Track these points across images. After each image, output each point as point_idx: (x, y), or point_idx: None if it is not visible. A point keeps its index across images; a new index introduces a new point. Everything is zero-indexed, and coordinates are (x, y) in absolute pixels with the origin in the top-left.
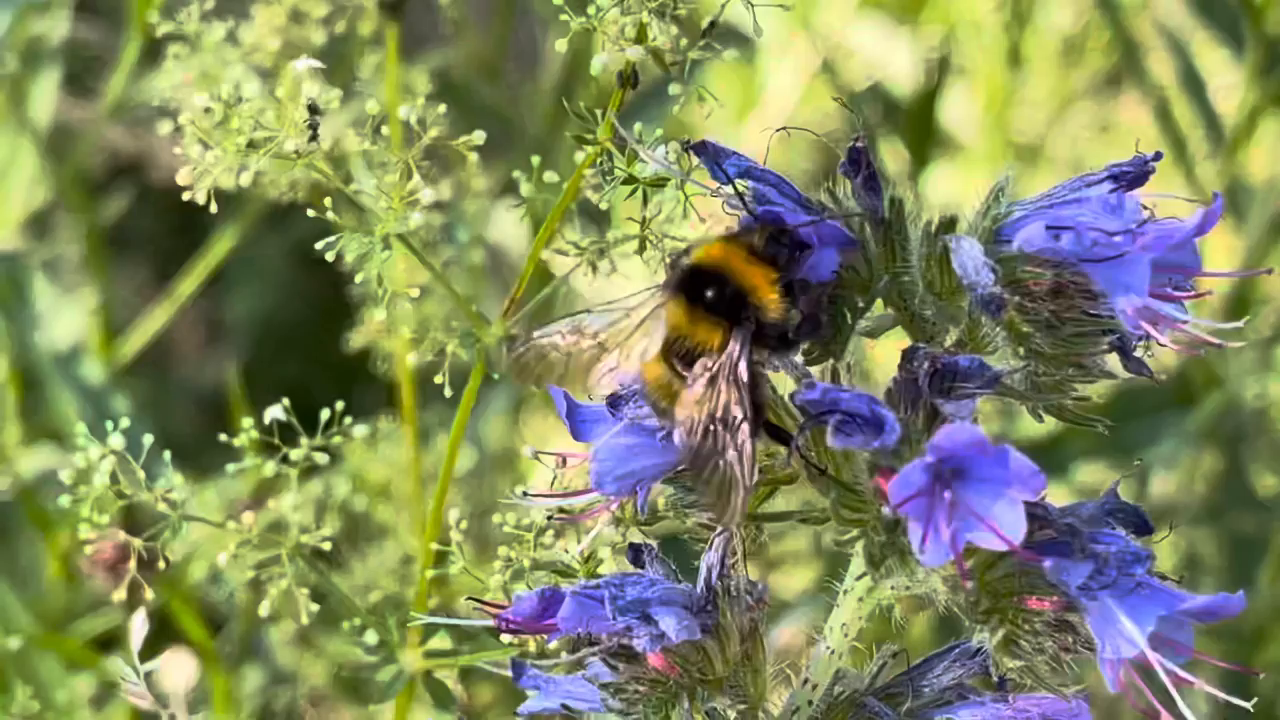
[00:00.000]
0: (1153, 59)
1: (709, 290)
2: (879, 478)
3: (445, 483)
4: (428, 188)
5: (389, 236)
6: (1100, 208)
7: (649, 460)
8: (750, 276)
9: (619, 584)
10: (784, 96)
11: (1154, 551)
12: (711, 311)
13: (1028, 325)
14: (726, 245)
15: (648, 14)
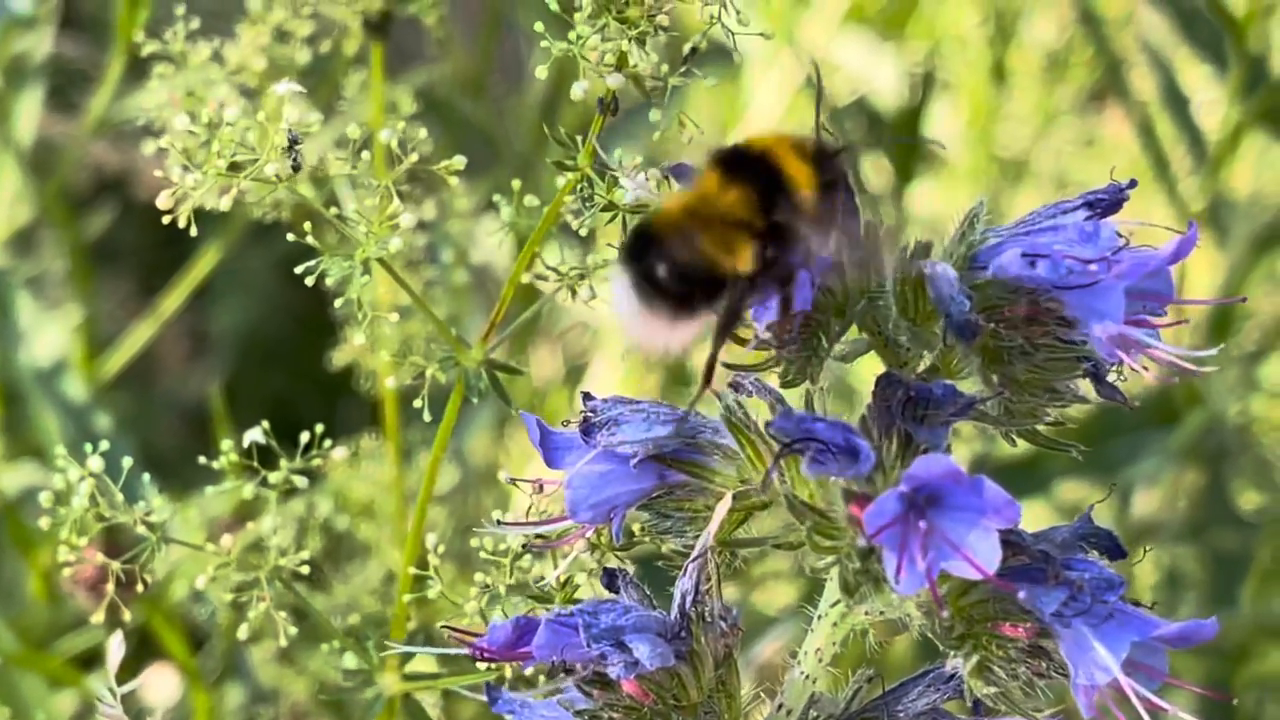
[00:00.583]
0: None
1: (749, 167)
2: (853, 506)
3: (424, 507)
4: (408, 212)
5: (369, 260)
6: (1076, 235)
7: (623, 487)
8: (793, 166)
9: (593, 611)
10: (768, 112)
11: (1127, 577)
12: (748, 186)
13: (1002, 351)
14: (777, 136)
15: (628, 41)
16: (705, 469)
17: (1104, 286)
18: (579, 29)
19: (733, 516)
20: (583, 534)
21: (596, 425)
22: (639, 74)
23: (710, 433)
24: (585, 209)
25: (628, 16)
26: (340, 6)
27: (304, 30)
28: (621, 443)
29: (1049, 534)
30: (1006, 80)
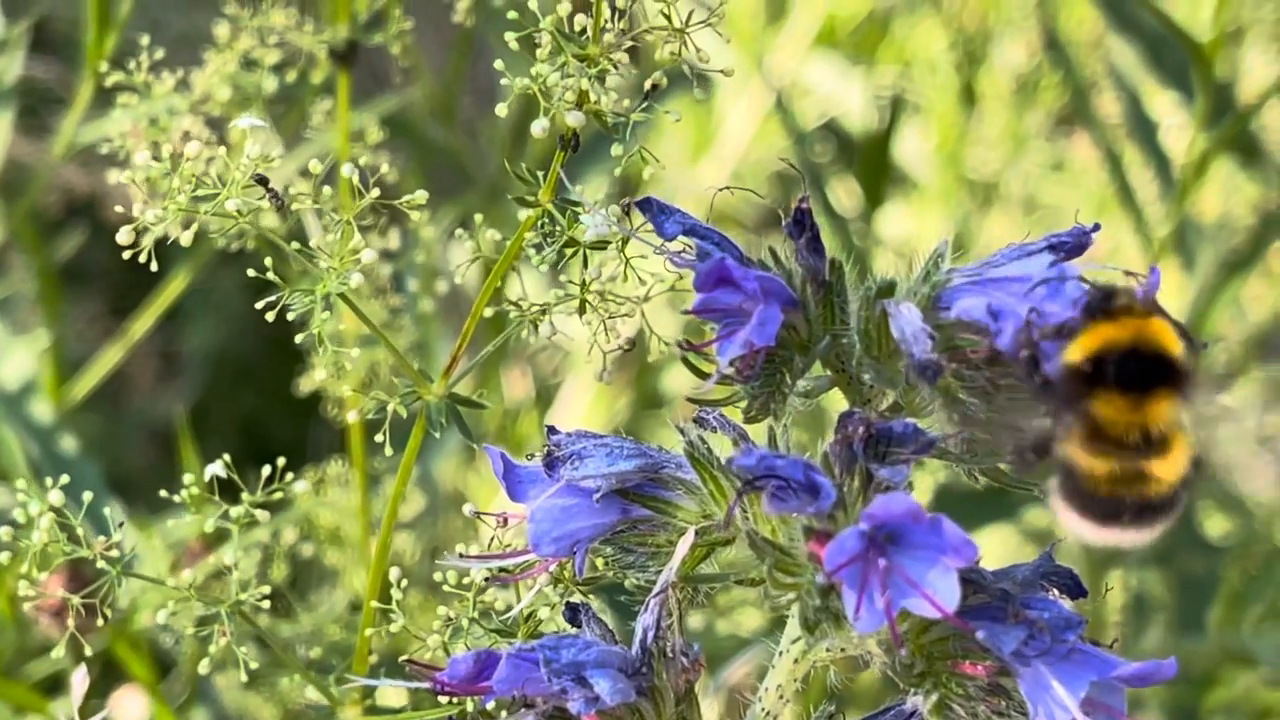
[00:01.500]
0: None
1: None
2: (813, 543)
3: (386, 542)
4: (374, 241)
5: (330, 295)
6: (1044, 291)
7: (586, 521)
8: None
9: (554, 646)
10: (739, 134)
11: (1094, 608)
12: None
13: (964, 391)
14: (1122, 319)
15: (587, 79)
16: (668, 504)
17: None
18: (538, 67)
19: (695, 552)
20: (546, 568)
21: (560, 459)
22: (600, 110)
23: (673, 468)
24: (547, 244)
25: (587, 54)
26: (307, 36)
27: (271, 58)
28: (585, 477)
29: (1010, 572)
30: (976, 103)
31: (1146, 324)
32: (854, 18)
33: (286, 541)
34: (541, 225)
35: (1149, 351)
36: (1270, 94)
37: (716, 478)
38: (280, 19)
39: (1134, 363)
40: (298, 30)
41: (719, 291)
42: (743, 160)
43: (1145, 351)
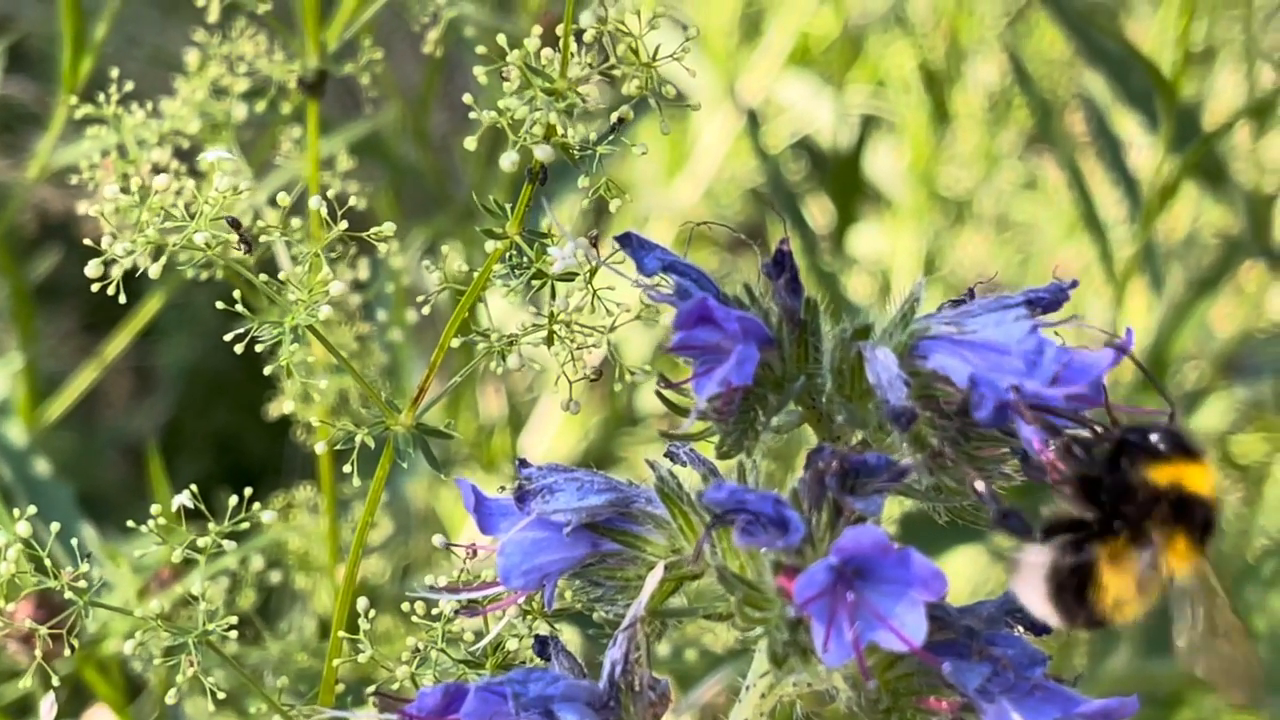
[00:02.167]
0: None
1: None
2: (782, 577)
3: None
4: (346, 266)
5: (299, 327)
6: (1021, 363)
7: (555, 554)
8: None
9: (522, 680)
10: (714, 152)
11: (1049, 654)
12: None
13: (935, 437)
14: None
15: (555, 114)
16: (638, 538)
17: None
18: (506, 100)
19: (664, 586)
20: (515, 600)
21: (531, 493)
22: (567, 143)
23: (643, 502)
24: (515, 275)
25: (555, 88)
26: (277, 66)
27: (240, 87)
28: (555, 511)
29: (975, 608)
30: (949, 122)
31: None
32: (827, 37)
33: (254, 568)
34: (509, 257)
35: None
36: (1233, 121)
37: (686, 513)
38: (249, 48)
39: (1204, 510)
40: (267, 59)
41: (699, 330)
42: (717, 178)
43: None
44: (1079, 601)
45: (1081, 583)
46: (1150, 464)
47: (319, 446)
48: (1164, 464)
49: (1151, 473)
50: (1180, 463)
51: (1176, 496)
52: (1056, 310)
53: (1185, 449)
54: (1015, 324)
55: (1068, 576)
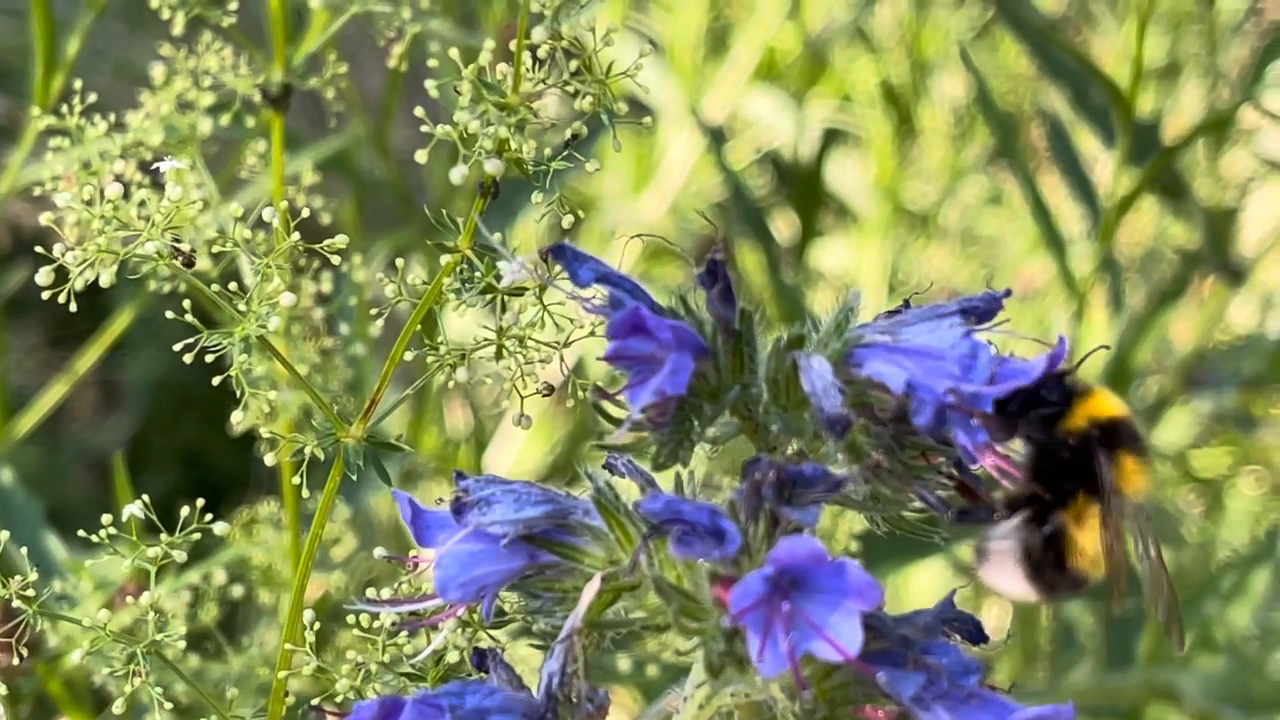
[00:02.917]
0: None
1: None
2: (719, 587)
3: (302, 584)
4: (289, 292)
5: (250, 338)
6: (957, 368)
7: (493, 566)
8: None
9: (459, 693)
10: (680, 166)
11: (985, 664)
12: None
13: (870, 445)
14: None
15: (506, 128)
16: (575, 550)
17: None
18: (458, 115)
19: (602, 598)
20: (454, 613)
21: (468, 505)
22: (520, 158)
23: (581, 514)
24: (465, 289)
25: (507, 103)
26: (242, 80)
27: (205, 101)
28: (492, 523)
29: (912, 618)
30: (916, 137)
31: (1100, 392)
32: (793, 52)
33: (216, 583)
34: (461, 271)
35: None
36: (1191, 136)
37: (623, 524)
38: (214, 62)
39: (1125, 426)
40: (232, 73)
41: (632, 340)
42: (683, 192)
43: (1123, 415)
44: (1060, 571)
45: (1058, 554)
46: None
47: (269, 458)
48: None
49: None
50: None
51: (1099, 429)
52: (991, 318)
53: (1078, 389)
54: (949, 330)
55: (1043, 552)
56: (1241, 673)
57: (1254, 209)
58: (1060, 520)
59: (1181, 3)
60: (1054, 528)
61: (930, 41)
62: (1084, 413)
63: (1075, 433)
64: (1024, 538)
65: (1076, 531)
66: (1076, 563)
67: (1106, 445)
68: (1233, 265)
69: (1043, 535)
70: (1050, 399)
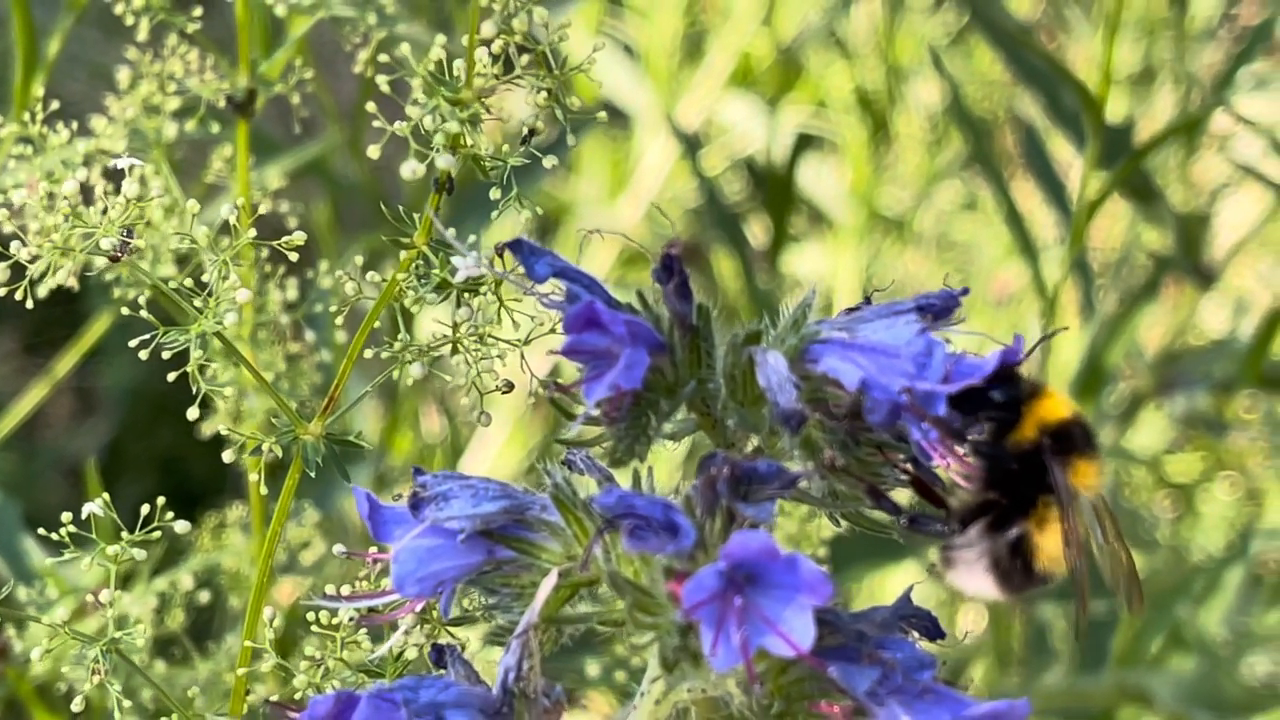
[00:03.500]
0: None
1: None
2: (673, 583)
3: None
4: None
5: (205, 336)
6: (911, 365)
7: (450, 562)
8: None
9: (414, 687)
10: (656, 171)
11: (937, 658)
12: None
13: (825, 441)
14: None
15: (458, 123)
16: (533, 545)
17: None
18: (410, 110)
19: (560, 593)
20: (412, 608)
21: (425, 500)
22: (478, 154)
23: (539, 509)
24: (420, 286)
25: (460, 98)
26: (208, 85)
27: (171, 105)
28: (450, 518)
29: (869, 614)
30: (890, 143)
31: (1049, 393)
32: (768, 57)
33: (184, 588)
34: (416, 267)
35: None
36: (1160, 139)
37: (581, 519)
38: (178, 67)
39: (1076, 427)
40: (198, 78)
41: (587, 334)
42: (659, 197)
43: (1072, 415)
44: (1028, 575)
45: (1025, 559)
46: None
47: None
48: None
49: (1019, 434)
50: (1032, 405)
51: (1050, 434)
52: (948, 316)
53: (1027, 391)
54: (905, 327)
55: (1010, 560)
56: (1213, 675)
57: (1227, 214)
58: (1023, 526)
59: (1155, 9)
60: (1018, 534)
61: (905, 47)
62: (1034, 419)
63: (1027, 442)
64: (990, 547)
65: (1039, 536)
66: (1043, 564)
67: (1059, 452)
68: (1204, 269)
69: (1008, 542)
70: (1000, 399)
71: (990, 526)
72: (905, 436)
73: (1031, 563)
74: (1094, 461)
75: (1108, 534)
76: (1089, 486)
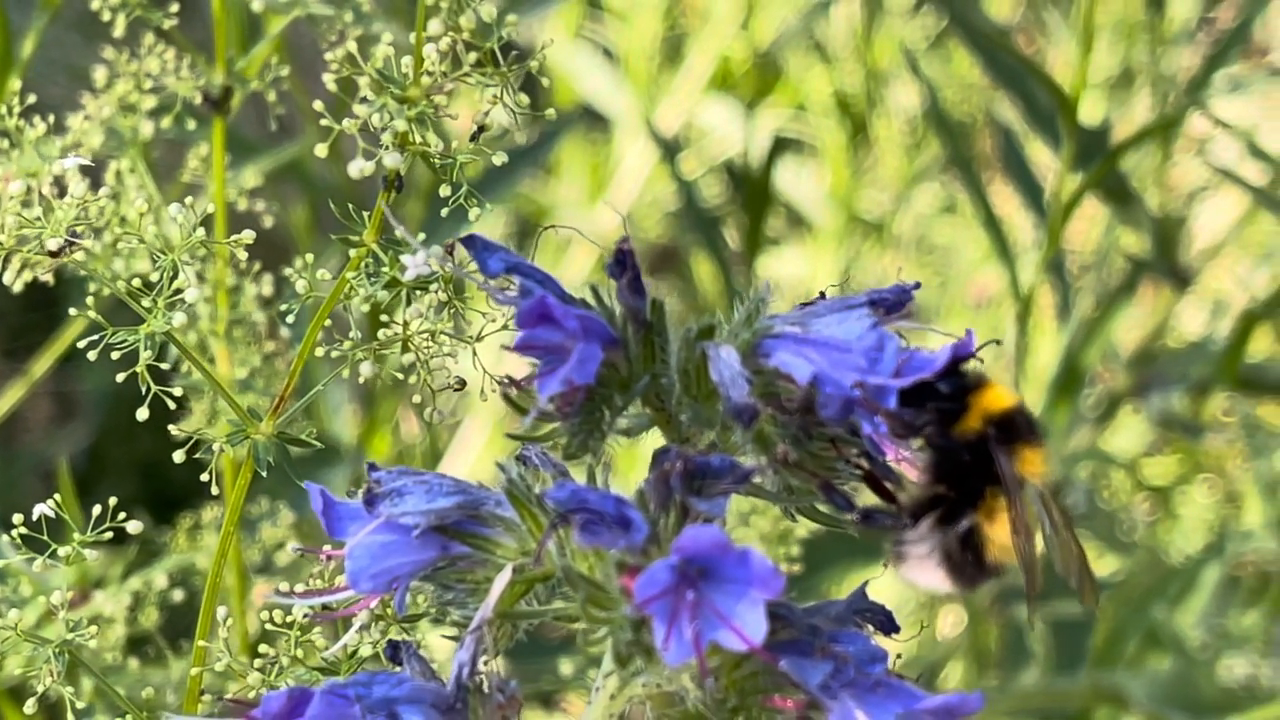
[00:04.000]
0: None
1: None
2: (626, 577)
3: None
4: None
5: (155, 335)
6: (863, 359)
7: (404, 558)
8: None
9: (367, 682)
10: (636, 175)
11: (888, 651)
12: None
13: (778, 435)
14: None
15: (405, 121)
16: (487, 541)
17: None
18: (357, 108)
19: (515, 588)
20: (367, 604)
21: (380, 496)
22: (427, 152)
23: (493, 505)
24: (369, 284)
25: (407, 96)
26: (184, 82)
27: (147, 103)
28: (404, 514)
29: (823, 608)
30: (869, 147)
31: (992, 385)
32: (748, 61)
33: (158, 587)
34: (366, 265)
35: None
36: (1135, 139)
37: (535, 514)
38: (154, 64)
39: (1020, 417)
40: (175, 76)
41: (540, 329)
42: (639, 201)
43: (1016, 405)
44: (979, 567)
45: (976, 552)
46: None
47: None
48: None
49: (964, 425)
50: (976, 396)
51: (995, 424)
52: (900, 310)
53: (971, 383)
54: (858, 322)
55: (961, 553)
56: (1189, 675)
57: (1207, 218)
58: (972, 519)
59: (1134, 13)
60: (967, 527)
61: (884, 51)
62: (979, 410)
63: (972, 433)
64: (941, 541)
65: (989, 528)
66: (994, 555)
67: (1004, 441)
68: (1180, 270)
69: (958, 536)
70: (946, 391)
71: (940, 520)
72: (859, 431)
73: (982, 554)
74: (1039, 450)
75: (1056, 524)
76: (1036, 474)
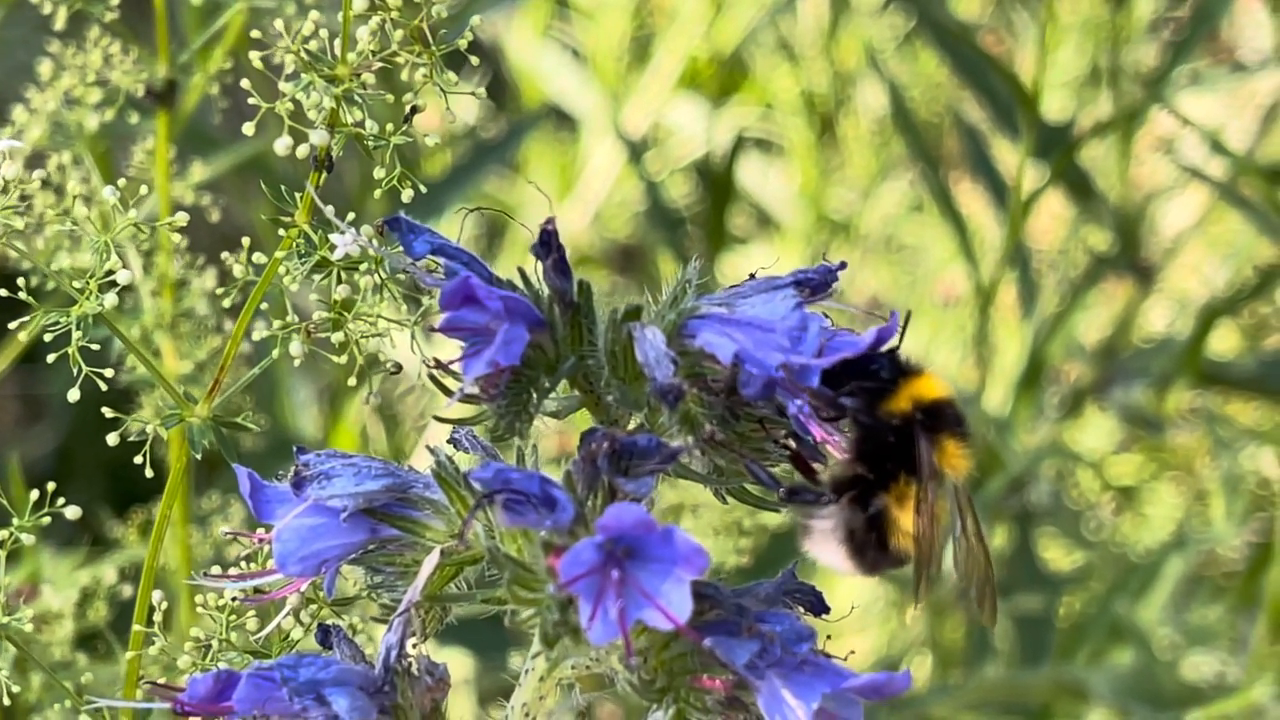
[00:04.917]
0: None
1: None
2: (552, 557)
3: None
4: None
5: (88, 318)
6: (786, 339)
7: (333, 540)
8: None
9: (293, 665)
10: (604, 175)
11: (816, 630)
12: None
13: (704, 416)
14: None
15: (333, 99)
16: (416, 523)
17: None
18: (282, 86)
19: (444, 571)
20: (297, 588)
21: (308, 479)
22: (360, 133)
23: (421, 487)
24: (299, 264)
25: (335, 75)
26: (127, 75)
27: (93, 96)
28: (332, 496)
29: (753, 589)
30: (837, 145)
31: (927, 374)
32: (716, 60)
33: (107, 581)
34: (297, 246)
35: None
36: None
37: (464, 497)
38: (97, 57)
39: (949, 408)
40: (117, 69)
41: (465, 310)
42: (607, 201)
43: (947, 398)
44: (882, 551)
45: (880, 534)
46: (886, 399)
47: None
48: (896, 390)
49: (892, 405)
50: (909, 381)
51: (922, 411)
52: (825, 290)
53: (906, 369)
54: (782, 302)
55: (866, 533)
56: (1150, 670)
57: (1174, 216)
58: (882, 501)
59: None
60: (876, 508)
61: (851, 50)
62: (909, 393)
63: (898, 413)
64: (847, 518)
65: (898, 512)
66: (898, 542)
67: (929, 427)
68: (1143, 266)
69: (865, 516)
70: (879, 375)
71: (853, 500)
72: (786, 411)
73: (886, 538)
74: (963, 446)
75: (968, 530)
76: (956, 470)
